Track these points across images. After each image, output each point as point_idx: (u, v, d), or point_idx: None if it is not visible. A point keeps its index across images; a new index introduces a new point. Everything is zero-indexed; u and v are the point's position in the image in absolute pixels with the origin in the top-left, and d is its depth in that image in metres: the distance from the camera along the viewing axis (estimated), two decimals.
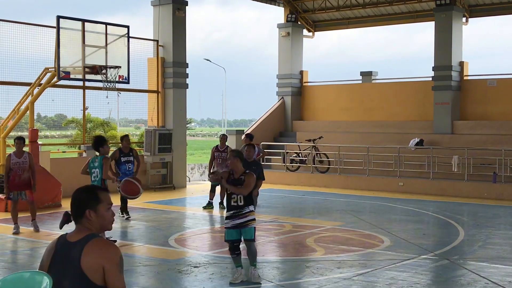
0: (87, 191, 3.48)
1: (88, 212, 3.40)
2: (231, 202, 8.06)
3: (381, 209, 15.32)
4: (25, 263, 9.37)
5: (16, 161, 11.47)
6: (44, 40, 16.63)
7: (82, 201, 3.44)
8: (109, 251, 3.34)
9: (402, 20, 24.17)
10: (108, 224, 3.49)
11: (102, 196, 3.46)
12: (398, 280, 8.17)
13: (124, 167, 12.88)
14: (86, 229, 3.42)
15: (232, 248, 8.11)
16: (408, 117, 22.05)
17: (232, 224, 8.02)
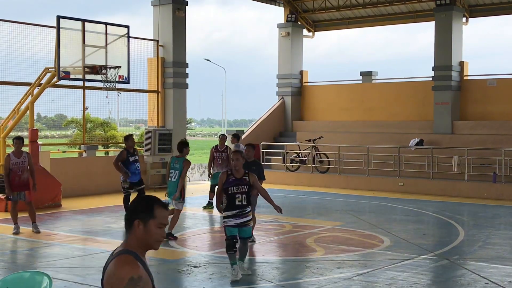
0: (146, 201, 3.27)
1: (137, 222, 3.20)
2: (235, 202, 8.18)
3: (381, 209, 15.32)
4: (25, 263, 9.37)
5: (15, 161, 11.41)
6: (44, 40, 16.63)
7: (136, 209, 3.24)
8: (116, 276, 3.09)
9: (402, 20, 24.17)
10: (154, 243, 3.23)
11: (158, 212, 3.22)
12: (398, 280, 8.17)
13: (133, 167, 12.74)
14: (127, 242, 3.23)
15: (231, 245, 8.21)
16: (408, 117, 22.05)
17: (235, 223, 8.19)
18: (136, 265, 3.10)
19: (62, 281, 7.86)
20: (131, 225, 3.20)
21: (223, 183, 8.27)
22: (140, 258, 3.18)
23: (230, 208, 8.23)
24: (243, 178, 8.23)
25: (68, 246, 10.38)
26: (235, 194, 8.19)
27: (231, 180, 8.23)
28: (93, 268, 8.78)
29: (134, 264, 3.11)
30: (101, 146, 24.69)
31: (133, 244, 3.20)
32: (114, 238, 11.11)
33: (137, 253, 3.18)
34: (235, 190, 8.22)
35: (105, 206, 15.31)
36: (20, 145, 11.60)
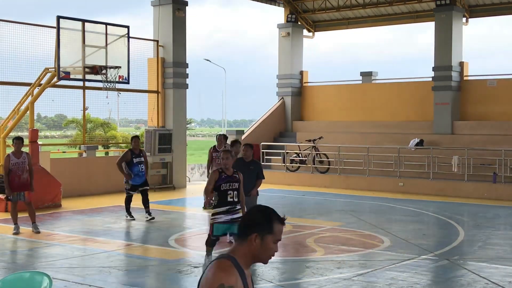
0: (265, 214, 3.19)
1: (255, 236, 3.10)
2: (227, 198, 8.42)
3: (381, 209, 15.32)
4: (25, 264, 9.37)
5: (15, 162, 11.39)
6: (44, 40, 16.64)
7: (255, 222, 3.13)
8: (208, 280, 3.01)
9: (402, 21, 24.16)
10: (266, 257, 3.15)
11: (276, 227, 3.15)
12: (398, 280, 8.17)
13: (136, 169, 12.72)
14: (234, 249, 3.13)
15: (214, 242, 8.48)
16: (408, 117, 22.05)
17: (226, 219, 8.40)
18: (231, 273, 3.00)
19: (62, 281, 7.85)
20: (246, 237, 3.10)
21: (215, 180, 8.44)
22: (240, 267, 3.08)
23: (222, 205, 8.41)
24: (233, 175, 8.50)
25: (68, 246, 10.38)
26: (227, 191, 8.42)
27: (224, 177, 8.44)
28: (93, 268, 8.78)
29: (229, 272, 3.01)
30: (101, 146, 24.69)
31: (242, 254, 3.10)
32: (113, 238, 11.11)
33: (239, 261, 3.09)
34: (228, 187, 8.45)
35: (105, 206, 15.31)
36: (20, 145, 11.57)
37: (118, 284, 7.88)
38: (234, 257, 3.08)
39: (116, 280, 8.08)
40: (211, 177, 8.62)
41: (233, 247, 3.15)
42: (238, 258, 3.08)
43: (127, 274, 8.56)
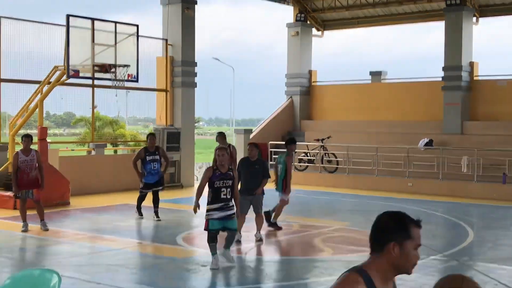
0: (398, 219, 2.97)
1: (392, 245, 2.88)
2: (220, 195, 8.47)
3: (390, 209, 15.17)
4: (33, 261, 9.40)
5: (24, 159, 11.38)
6: (54, 39, 16.69)
7: (388, 229, 2.92)
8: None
9: (412, 20, 24.09)
10: (410, 267, 2.94)
11: (414, 232, 2.95)
12: (406, 281, 8.12)
13: (149, 166, 12.67)
14: (369, 262, 2.93)
15: (214, 238, 8.54)
16: (418, 117, 21.97)
17: (219, 216, 8.45)
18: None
19: (70, 279, 7.87)
20: (382, 248, 2.89)
21: (209, 177, 8.52)
22: (371, 282, 2.86)
23: (215, 202, 8.47)
24: (227, 172, 8.56)
25: (76, 244, 10.40)
26: (220, 188, 8.48)
27: (217, 174, 8.51)
28: (101, 266, 8.79)
29: (355, 287, 2.83)
30: (110, 144, 24.75)
31: (379, 267, 2.90)
32: (121, 236, 11.12)
33: (373, 275, 2.87)
34: (221, 184, 8.50)
35: (113, 205, 15.34)
36: (29, 143, 11.57)
37: (126, 282, 7.88)
38: (366, 271, 2.87)
39: (124, 278, 8.09)
40: (204, 174, 8.73)
41: (368, 260, 2.94)
42: (372, 272, 2.88)
43: (135, 272, 8.56)
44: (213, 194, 8.49)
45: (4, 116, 17.24)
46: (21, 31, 16.33)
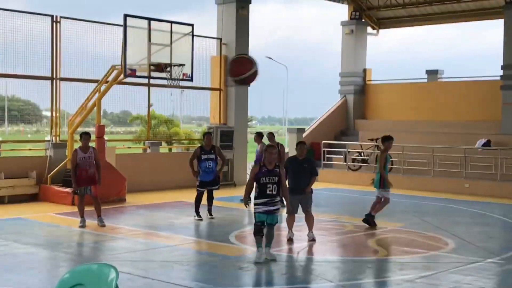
0: None
1: None
2: (266, 191, 8.86)
3: (445, 210, 14.99)
4: (90, 256, 9.62)
5: (82, 156, 11.66)
6: (111, 38, 17.05)
7: None
8: None
9: (469, 18, 23.59)
10: None
11: None
12: (462, 283, 7.97)
13: (204, 165, 12.75)
14: None
15: (260, 230, 8.90)
16: (475, 117, 21.49)
17: (264, 210, 8.86)
18: None
19: (126, 274, 8.02)
20: None
21: (255, 173, 8.91)
22: None
23: (261, 197, 8.86)
24: (274, 169, 8.92)
25: (131, 240, 10.60)
26: (266, 184, 8.86)
27: (263, 171, 8.88)
28: (156, 262, 8.94)
29: None
30: (165, 142, 25.11)
31: None
32: (176, 233, 11.27)
33: None
34: (267, 180, 8.87)
35: (167, 202, 15.56)
36: (88, 140, 11.83)
37: (179, 279, 7.99)
38: None
39: (178, 275, 8.20)
40: (252, 170, 9.13)
41: None
42: None
43: (189, 269, 8.67)
44: (259, 190, 8.89)
45: (63, 114, 17.70)
46: (80, 31, 16.73)
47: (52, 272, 8.39)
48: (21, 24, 15.54)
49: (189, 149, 21.95)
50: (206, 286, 7.69)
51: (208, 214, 12.98)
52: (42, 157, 16.30)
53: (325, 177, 20.52)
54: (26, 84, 16.26)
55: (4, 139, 18.94)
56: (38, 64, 16.11)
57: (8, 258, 9.08)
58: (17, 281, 7.82)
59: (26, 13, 15.75)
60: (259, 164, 9.07)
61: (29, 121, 26.44)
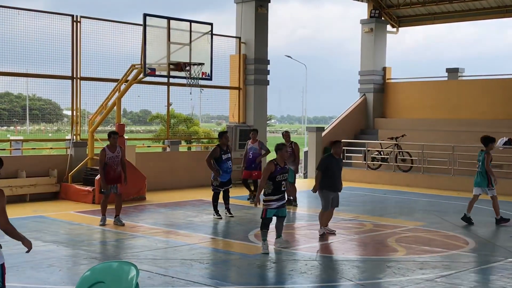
0: None
1: None
2: (281, 188, 9.41)
3: (465, 210, 14.84)
4: (111, 254, 9.70)
5: (111, 156, 11.79)
6: (131, 38, 17.15)
7: None
8: None
9: (491, 16, 23.34)
10: None
11: None
12: (483, 283, 7.91)
13: (225, 165, 12.69)
14: None
15: (267, 225, 9.47)
16: (496, 116, 21.27)
17: (277, 205, 9.42)
18: None
19: (146, 272, 8.07)
20: None
21: (271, 172, 9.31)
22: None
23: (275, 193, 9.36)
24: (285, 166, 9.53)
25: (151, 238, 10.66)
26: (281, 181, 9.39)
27: (278, 169, 9.37)
28: (175, 260, 8.98)
29: None
30: (184, 141, 25.20)
31: None
32: (195, 231, 11.32)
33: None
34: (281, 178, 9.41)
35: (187, 200, 15.62)
36: (116, 139, 11.96)
37: (199, 277, 8.02)
38: None
39: (198, 273, 8.23)
40: (267, 168, 9.42)
41: None
42: None
43: (208, 267, 8.70)
44: (274, 187, 9.33)
45: (84, 113, 17.83)
46: (100, 30, 16.84)
47: (73, 270, 8.47)
48: (41, 24, 15.69)
49: (208, 148, 21.99)
50: (225, 284, 7.71)
51: (227, 212, 13.01)
52: (63, 156, 16.45)
53: (344, 176, 20.33)
54: (47, 83, 16.43)
55: (25, 138, 19.12)
56: (58, 64, 16.26)
57: (29, 255, 9.16)
58: (38, 278, 7.91)
59: (47, 13, 15.90)
60: (272, 162, 9.42)
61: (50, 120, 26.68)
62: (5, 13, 15.10)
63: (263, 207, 9.47)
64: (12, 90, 25.21)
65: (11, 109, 32.05)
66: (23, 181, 14.96)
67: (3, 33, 15.14)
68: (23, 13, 15.42)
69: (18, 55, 15.49)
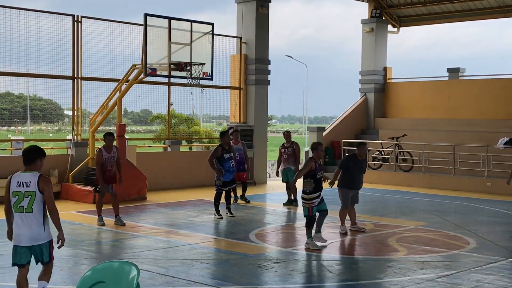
0: None
1: None
2: (321, 185, 9.83)
3: (467, 210, 14.86)
4: (112, 254, 9.70)
5: (107, 156, 11.83)
6: (132, 38, 17.15)
7: None
8: None
9: (491, 15, 23.33)
10: None
11: None
12: (484, 283, 7.91)
13: (227, 164, 12.68)
14: None
15: (314, 222, 9.85)
16: (497, 115, 21.26)
17: (319, 202, 9.78)
18: None
19: (147, 272, 8.08)
20: None
21: (312, 169, 9.67)
22: None
23: (317, 190, 9.73)
24: (321, 164, 9.97)
25: (152, 238, 10.66)
26: (320, 178, 9.81)
27: (318, 166, 9.76)
28: (176, 260, 8.98)
29: None
30: (185, 141, 25.19)
31: None
32: (196, 231, 11.32)
33: None
34: (320, 175, 9.82)
35: (187, 200, 15.62)
36: (112, 140, 12.03)
37: (200, 277, 8.02)
38: None
39: (199, 273, 8.23)
40: (307, 165, 9.75)
41: None
42: None
43: (209, 267, 8.71)
44: (315, 185, 9.70)
45: (84, 113, 17.85)
46: (101, 30, 16.85)
47: (74, 270, 8.47)
48: (42, 24, 15.70)
49: (209, 148, 22.00)
50: (226, 284, 7.72)
51: (228, 212, 13.01)
52: (63, 156, 16.46)
53: None
54: (48, 83, 16.44)
55: (26, 138, 19.13)
56: (59, 64, 16.28)
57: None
58: None
59: (48, 13, 15.91)
60: (312, 160, 9.81)
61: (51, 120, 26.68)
62: (6, 13, 15.11)
63: (307, 206, 9.74)
64: (13, 90, 25.24)
65: (12, 109, 32.06)
66: None
67: (4, 33, 15.16)
68: (24, 13, 15.43)
69: (19, 55, 15.51)
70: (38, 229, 6.20)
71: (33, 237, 6.21)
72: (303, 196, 9.80)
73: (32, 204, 6.16)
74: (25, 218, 6.17)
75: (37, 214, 6.19)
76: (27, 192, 6.16)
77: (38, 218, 6.21)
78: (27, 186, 6.17)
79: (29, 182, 6.18)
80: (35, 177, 6.21)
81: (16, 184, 6.21)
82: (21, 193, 6.17)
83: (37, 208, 6.19)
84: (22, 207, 6.16)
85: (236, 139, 14.93)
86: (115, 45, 17.09)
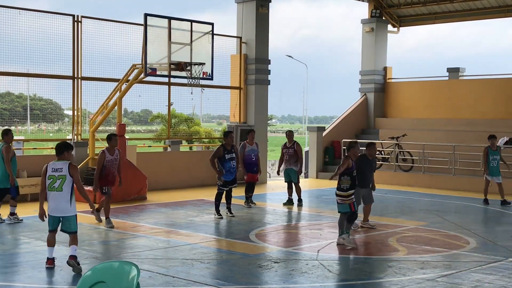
0: None
1: None
2: (356, 182, 10.24)
3: (467, 209, 14.87)
4: (112, 254, 9.70)
5: (110, 159, 11.74)
6: (132, 38, 17.16)
7: None
8: None
9: (492, 15, 23.34)
10: None
11: None
12: (484, 283, 7.91)
13: (228, 165, 12.69)
14: None
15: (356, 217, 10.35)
16: (497, 115, 21.27)
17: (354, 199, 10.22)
18: None
19: (147, 272, 8.08)
20: None
21: (349, 167, 10.04)
22: None
23: (354, 187, 10.14)
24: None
25: (152, 238, 10.67)
26: (355, 176, 10.21)
27: (353, 164, 10.16)
28: (176, 260, 8.98)
29: None
30: (185, 141, 25.19)
31: None
32: (196, 231, 11.32)
33: None
34: (355, 173, 10.22)
35: (188, 200, 15.63)
36: (116, 142, 11.92)
37: (200, 277, 8.03)
38: None
39: (199, 273, 8.23)
40: (345, 163, 10.06)
41: None
42: None
43: (209, 267, 8.71)
44: (352, 182, 10.08)
45: (85, 113, 17.85)
46: (101, 30, 16.85)
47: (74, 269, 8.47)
48: (42, 23, 15.70)
49: (210, 148, 22.00)
50: (226, 284, 7.72)
51: (228, 212, 13.02)
52: None
53: None
54: (48, 83, 16.43)
55: (26, 138, 19.14)
56: (59, 63, 16.28)
57: (30, 255, 9.20)
58: (40, 278, 7.92)
59: (48, 13, 15.91)
60: (349, 158, 10.18)
61: (51, 120, 26.69)
62: (6, 13, 15.11)
63: (348, 202, 10.08)
64: (13, 90, 25.26)
65: (12, 109, 32.05)
66: (24, 181, 14.96)
67: (4, 33, 15.16)
68: (24, 13, 15.43)
69: (19, 55, 15.51)
70: (66, 204, 8.11)
71: (62, 210, 8.12)
72: (341, 194, 10.11)
73: (62, 185, 8.06)
74: (57, 195, 8.07)
75: (65, 193, 8.09)
76: (59, 176, 8.06)
77: (65, 196, 8.10)
78: (60, 171, 8.08)
79: (61, 168, 8.11)
80: (66, 164, 8.14)
81: (51, 170, 8.11)
82: (55, 176, 8.08)
83: (66, 188, 8.08)
84: (54, 187, 8.08)
85: (252, 139, 14.70)
86: (115, 45, 17.10)
